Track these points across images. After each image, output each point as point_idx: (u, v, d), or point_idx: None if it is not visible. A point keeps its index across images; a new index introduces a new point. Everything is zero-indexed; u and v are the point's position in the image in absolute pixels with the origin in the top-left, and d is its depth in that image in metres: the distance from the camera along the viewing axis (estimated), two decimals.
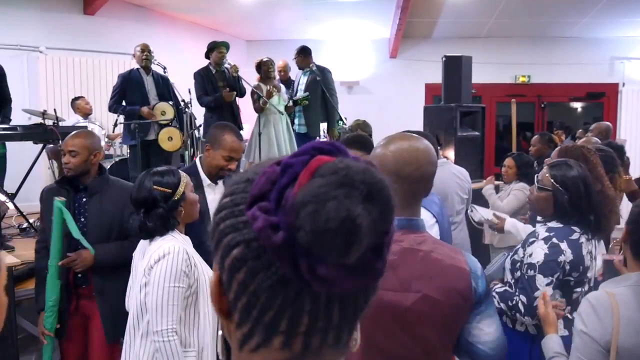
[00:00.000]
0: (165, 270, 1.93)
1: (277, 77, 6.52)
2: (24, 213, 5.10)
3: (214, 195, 2.80)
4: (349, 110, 8.31)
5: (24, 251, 4.16)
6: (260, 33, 9.45)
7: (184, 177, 2.17)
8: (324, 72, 6.16)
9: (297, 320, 0.57)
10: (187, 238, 2.17)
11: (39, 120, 5.59)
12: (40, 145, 4.45)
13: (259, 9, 8.33)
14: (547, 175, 2.30)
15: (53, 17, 7.24)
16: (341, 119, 6.04)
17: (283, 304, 0.56)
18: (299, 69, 6.31)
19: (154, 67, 5.42)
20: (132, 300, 2.10)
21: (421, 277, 1.33)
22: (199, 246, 2.75)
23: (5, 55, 6.63)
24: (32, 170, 4.35)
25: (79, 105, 6.65)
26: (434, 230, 1.99)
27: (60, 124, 5.73)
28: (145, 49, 5.29)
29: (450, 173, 3.78)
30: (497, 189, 4.97)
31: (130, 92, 5.22)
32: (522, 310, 2.18)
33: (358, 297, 0.62)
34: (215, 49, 5.47)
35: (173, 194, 2.09)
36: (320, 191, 0.51)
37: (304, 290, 0.55)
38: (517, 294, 2.23)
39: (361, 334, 1.34)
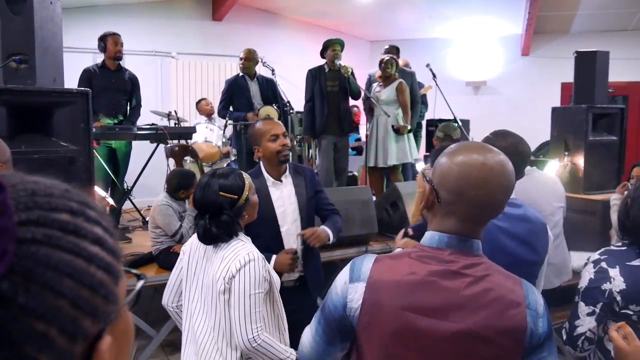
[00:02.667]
0: (250, 278, 1.90)
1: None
2: (139, 208, 5.52)
3: (280, 193, 2.77)
4: (474, 111, 7.88)
5: (141, 243, 4.48)
6: (384, 33, 9.32)
7: (247, 179, 2.10)
8: (413, 76, 5.96)
9: None
10: (249, 238, 2.10)
11: (164, 120, 6.04)
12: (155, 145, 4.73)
13: (381, 9, 8.21)
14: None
15: (184, 24, 7.77)
16: (456, 121, 5.69)
17: None
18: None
19: (263, 70, 5.53)
20: (195, 303, 2.05)
21: (464, 307, 1.13)
22: (265, 249, 2.72)
23: (142, 60, 7.23)
24: (147, 167, 4.65)
25: (202, 106, 7.05)
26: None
27: (183, 124, 6.12)
28: (244, 57, 5.39)
29: (538, 182, 3.37)
30: None
31: (236, 98, 5.37)
32: (564, 338, 1.93)
33: None
34: (330, 47, 5.41)
35: (239, 199, 2.02)
36: None
37: None
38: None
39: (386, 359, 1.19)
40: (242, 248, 1.96)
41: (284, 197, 2.78)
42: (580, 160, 5.15)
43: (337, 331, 1.25)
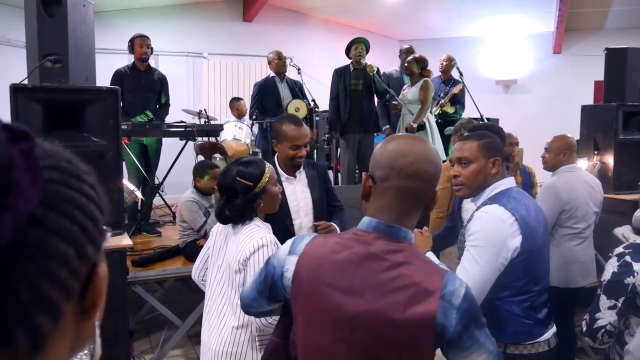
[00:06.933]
0: (261, 263, 1.95)
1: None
2: (169, 203, 5.68)
3: (293, 187, 2.83)
4: (504, 110, 7.80)
5: (170, 237, 4.64)
6: (413, 32, 9.31)
7: (268, 170, 2.16)
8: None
9: None
10: (269, 225, 2.18)
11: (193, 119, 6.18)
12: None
13: (410, 8, 8.22)
14: None
15: (215, 25, 7.95)
16: (482, 119, 5.67)
17: None
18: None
19: (289, 69, 5.60)
20: (217, 278, 2.17)
21: (378, 289, 1.18)
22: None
23: (174, 61, 7.44)
24: (177, 164, 4.79)
25: (238, 105, 7.08)
26: (513, 229, 1.76)
27: (213, 122, 6.27)
28: (274, 57, 5.47)
29: (582, 180, 3.40)
30: None
31: (266, 99, 5.46)
32: (584, 329, 1.95)
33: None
34: (353, 46, 5.46)
35: (254, 186, 2.10)
36: None
37: None
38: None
39: (303, 333, 1.29)
40: (257, 232, 2.05)
41: (297, 191, 2.84)
42: (610, 160, 5.07)
43: (267, 288, 1.40)
